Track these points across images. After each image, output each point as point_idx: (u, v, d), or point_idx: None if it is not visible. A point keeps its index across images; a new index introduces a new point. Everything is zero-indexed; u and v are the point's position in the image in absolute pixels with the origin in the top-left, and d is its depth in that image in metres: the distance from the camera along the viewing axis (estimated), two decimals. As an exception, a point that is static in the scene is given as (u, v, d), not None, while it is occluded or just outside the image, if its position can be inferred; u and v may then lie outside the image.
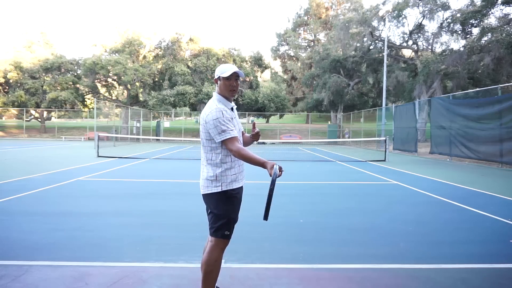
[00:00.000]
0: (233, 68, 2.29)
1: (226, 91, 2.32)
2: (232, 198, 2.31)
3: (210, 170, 2.30)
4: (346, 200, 6.25)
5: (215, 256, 2.30)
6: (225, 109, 2.27)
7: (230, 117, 2.27)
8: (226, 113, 2.24)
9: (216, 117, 2.19)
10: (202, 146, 2.36)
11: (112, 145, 21.69)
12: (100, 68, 31.28)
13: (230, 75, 2.28)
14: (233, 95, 2.35)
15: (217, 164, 2.29)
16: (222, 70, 2.30)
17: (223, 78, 2.30)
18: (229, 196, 2.30)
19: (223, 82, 2.30)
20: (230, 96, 2.34)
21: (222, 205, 2.29)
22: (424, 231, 4.27)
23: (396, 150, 20.06)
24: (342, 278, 2.90)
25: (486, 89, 14.98)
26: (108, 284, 2.69)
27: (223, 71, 2.29)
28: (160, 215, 4.88)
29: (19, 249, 3.43)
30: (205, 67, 33.80)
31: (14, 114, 41.53)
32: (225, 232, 2.29)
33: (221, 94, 2.34)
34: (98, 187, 7.21)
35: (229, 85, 2.30)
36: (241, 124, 2.51)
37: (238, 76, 2.33)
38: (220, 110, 2.22)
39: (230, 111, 2.32)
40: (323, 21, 50.10)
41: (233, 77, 2.30)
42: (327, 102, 35.11)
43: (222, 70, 2.30)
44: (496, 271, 3.10)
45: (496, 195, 6.69)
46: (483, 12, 23.38)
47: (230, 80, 2.30)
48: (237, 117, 2.45)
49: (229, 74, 2.27)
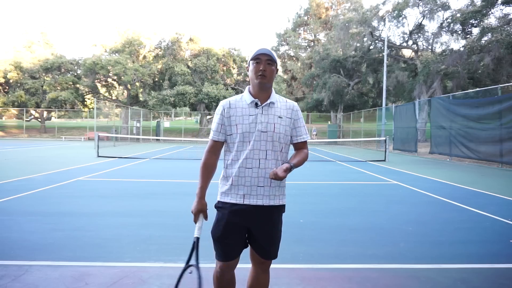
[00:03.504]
0: (262, 49, 1.85)
1: (253, 77, 1.86)
2: (218, 213, 1.92)
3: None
4: (346, 200, 6.25)
5: (215, 272, 2.00)
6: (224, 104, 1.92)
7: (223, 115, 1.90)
8: (220, 108, 1.92)
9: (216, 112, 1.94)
10: None
11: (112, 145, 21.69)
12: (100, 68, 31.28)
13: (257, 55, 1.84)
14: (262, 81, 1.84)
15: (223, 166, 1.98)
16: (251, 53, 1.90)
17: (252, 62, 1.87)
18: (217, 208, 1.94)
19: (251, 67, 1.87)
20: (258, 81, 1.84)
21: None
22: (424, 231, 4.27)
23: (396, 150, 20.06)
24: (342, 278, 2.89)
25: (486, 89, 14.98)
26: (108, 284, 2.69)
27: (252, 54, 1.88)
28: (160, 215, 4.88)
29: (19, 249, 3.42)
30: (205, 67, 33.78)
31: (14, 114, 41.49)
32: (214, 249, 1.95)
33: (250, 84, 1.94)
34: (98, 187, 7.21)
35: (257, 69, 1.84)
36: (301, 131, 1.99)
37: (271, 60, 1.84)
38: (221, 105, 1.93)
39: (246, 106, 1.89)
40: (323, 21, 50.10)
41: (263, 60, 1.83)
42: (327, 102, 35.11)
43: (251, 53, 1.90)
44: (496, 271, 3.10)
45: (496, 195, 6.69)
46: (483, 12, 23.39)
47: (259, 64, 1.83)
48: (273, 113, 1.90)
49: (256, 54, 1.84)
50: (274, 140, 1.87)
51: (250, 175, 1.85)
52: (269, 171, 1.84)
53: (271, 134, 1.86)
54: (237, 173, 1.86)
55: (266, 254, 1.95)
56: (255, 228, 1.90)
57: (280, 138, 1.89)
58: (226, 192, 1.88)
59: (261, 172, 1.85)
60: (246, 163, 1.85)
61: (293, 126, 1.95)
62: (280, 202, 1.93)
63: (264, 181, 1.85)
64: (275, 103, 1.92)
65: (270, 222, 1.92)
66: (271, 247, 1.95)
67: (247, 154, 1.85)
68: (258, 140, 1.85)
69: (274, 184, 1.88)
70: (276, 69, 1.90)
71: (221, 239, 1.88)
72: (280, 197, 1.93)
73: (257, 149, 1.85)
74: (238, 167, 1.86)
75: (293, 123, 1.96)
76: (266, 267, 2.01)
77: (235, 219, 1.86)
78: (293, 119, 1.96)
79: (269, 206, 1.89)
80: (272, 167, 1.85)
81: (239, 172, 1.86)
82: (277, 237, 1.97)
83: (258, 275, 2.01)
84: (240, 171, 1.85)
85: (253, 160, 1.85)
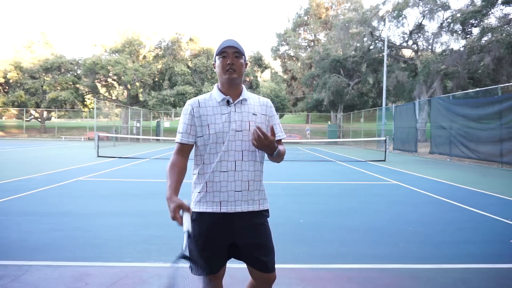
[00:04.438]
0: (227, 40, 1.68)
1: (221, 73, 1.70)
2: (194, 225, 1.66)
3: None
4: (346, 200, 6.25)
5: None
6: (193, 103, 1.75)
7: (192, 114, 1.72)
8: (187, 108, 1.74)
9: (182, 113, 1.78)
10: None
11: (112, 145, 21.69)
12: (100, 68, 31.29)
13: (223, 49, 1.68)
14: (232, 76, 1.68)
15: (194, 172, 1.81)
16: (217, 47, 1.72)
17: (218, 58, 1.71)
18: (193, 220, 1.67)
19: (218, 63, 1.72)
20: (227, 77, 1.68)
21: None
22: (424, 231, 4.27)
23: (396, 150, 20.06)
24: (342, 278, 2.89)
25: (486, 89, 14.99)
26: (108, 284, 2.69)
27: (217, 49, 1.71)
28: (160, 215, 4.87)
29: (19, 249, 3.42)
30: (205, 67, 33.80)
31: (14, 114, 41.50)
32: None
33: (219, 82, 1.78)
34: (98, 187, 7.21)
35: (224, 64, 1.68)
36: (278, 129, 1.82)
37: (238, 52, 1.68)
38: (189, 104, 1.75)
39: (217, 105, 1.72)
40: (323, 21, 50.13)
41: (229, 54, 1.68)
42: (327, 102, 35.13)
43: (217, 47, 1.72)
44: (496, 271, 3.09)
45: (496, 195, 6.69)
46: (483, 12, 23.39)
47: (226, 58, 1.68)
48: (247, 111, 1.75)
49: (221, 48, 1.67)
50: (250, 139, 1.69)
51: (226, 179, 1.67)
52: (246, 174, 1.69)
53: (246, 133, 1.70)
54: (211, 178, 1.68)
55: (263, 266, 1.71)
56: (240, 239, 1.70)
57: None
58: (201, 201, 1.70)
59: (237, 175, 1.67)
60: (221, 166, 1.67)
61: (268, 124, 1.80)
62: (261, 207, 1.74)
63: (242, 185, 1.68)
64: (247, 99, 1.77)
65: (253, 230, 1.71)
66: (266, 257, 1.72)
67: (221, 156, 1.67)
68: (232, 141, 1.68)
69: (252, 187, 1.71)
70: (246, 62, 1.75)
71: (202, 254, 1.65)
72: (260, 201, 1.75)
73: (232, 150, 1.68)
74: (211, 171, 1.68)
75: (268, 120, 1.81)
76: (268, 280, 1.75)
77: (215, 232, 1.68)
78: (268, 116, 1.81)
79: (248, 212, 1.70)
80: (249, 169, 1.70)
81: (213, 176, 1.68)
82: (269, 246, 1.75)
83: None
84: (214, 176, 1.68)
85: (228, 162, 1.67)
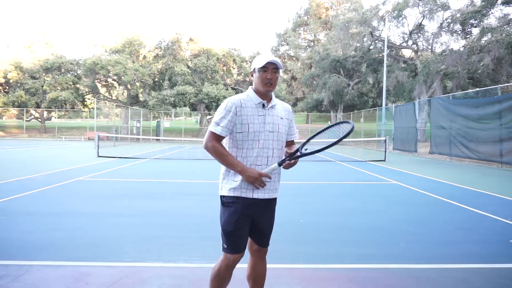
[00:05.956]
0: (268, 57, 1.98)
1: (260, 84, 2.00)
2: (227, 208, 2.02)
3: (221, 169, 2.09)
4: (346, 200, 6.25)
5: (217, 267, 2.09)
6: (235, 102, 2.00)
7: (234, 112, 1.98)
8: (231, 106, 1.99)
9: (219, 108, 2.02)
10: None
11: (112, 145, 21.69)
12: (100, 68, 31.29)
13: (265, 65, 1.97)
14: (269, 89, 2.01)
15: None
16: (257, 60, 2.02)
17: (258, 70, 2.00)
18: (225, 204, 2.04)
19: (258, 75, 2.01)
20: (265, 89, 2.00)
21: (221, 212, 2.07)
22: (424, 231, 4.27)
23: (396, 150, 20.06)
24: (342, 278, 2.89)
25: (486, 89, 14.99)
26: (108, 284, 2.69)
27: (258, 62, 2.00)
28: (160, 215, 4.88)
29: (19, 249, 3.43)
30: (205, 67, 33.79)
31: (14, 114, 41.53)
32: (223, 244, 2.05)
33: (255, 89, 2.06)
34: (98, 187, 7.21)
35: (264, 78, 1.98)
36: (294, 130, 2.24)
37: (276, 68, 2.01)
38: (226, 102, 2.01)
39: (254, 106, 2.03)
40: (323, 21, 50.10)
41: (269, 69, 1.99)
42: (327, 102, 35.14)
43: (257, 60, 2.02)
44: (496, 271, 3.10)
45: (496, 195, 6.69)
46: (483, 12, 23.39)
47: (266, 72, 1.98)
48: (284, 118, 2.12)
49: (263, 63, 1.97)
50: (279, 139, 2.08)
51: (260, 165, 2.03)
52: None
53: (276, 134, 2.06)
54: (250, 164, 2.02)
55: (264, 242, 2.16)
56: (260, 219, 2.08)
57: (282, 137, 2.11)
58: (236, 188, 2.00)
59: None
60: (257, 161, 2.01)
61: (288, 126, 2.17)
62: (278, 194, 2.17)
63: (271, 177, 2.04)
64: (276, 104, 2.12)
65: (272, 212, 2.15)
66: (269, 235, 2.18)
67: (258, 152, 2.01)
68: (266, 139, 2.02)
69: (276, 179, 2.09)
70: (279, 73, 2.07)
71: (235, 232, 2.00)
72: (278, 190, 2.16)
73: (266, 148, 2.02)
74: (249, 164, 2.00)
75: (289, 123, 2.18)
76: (264, 254, 2.20)
77: (248, 212, 2.01)
78: (289, 120, 2.18)
79: (271, 199, 2.10)
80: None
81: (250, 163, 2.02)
82: (272, 226, 2.20)
83: (257, 264, 2.20)
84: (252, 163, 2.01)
85: (263, 158, 2.02)
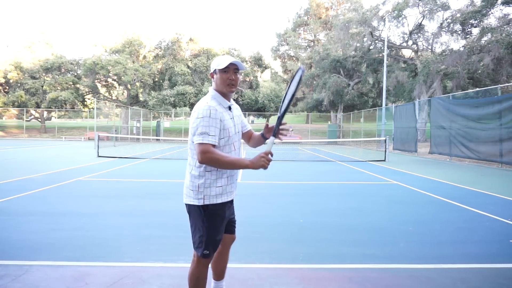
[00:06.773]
0: (230, 58, 1.96)
1: (223, 86, 1.98)
2: (213, 215, 2.00)
3: (193, 178, 2.00)
4: (346, 200, 6.25)
5: (197, 273, 2.07)
6: (216, 108, 1.94)
7: (219, 119, 1.93)
8: (215, 113, 1.92)
9: (202, 116, 1.89)
10: (189, 148, 2.04)
11: (112, 145, 21.69)
12: (100, 68, 31.28)
13: (227, 66, 1.95)
14: (231, 90, 2.00)
15: (200, 172, 1.98)
16: (217, 62, 1.98)
17: (219, 71, 1.98)
18: (211, 212, 1.99)
19: (219, 76, 1.98)
20: (228, 91, 2.00)
21: (201, 221, 2.00)
22: (424, 231, 4.27)
23: (396, 150, 20.05)
24: (342, 278, 2.89)
25: (486, 89, 14.98)
26: (108, 284, 2.69)
27: (219, 63, 1.96)
28: (160, 215, 4.88)
29: (19, 249, 3.43)
30: (205, 67, 33.79)
31: (14, 114, 41.53)
32: (204, 251, 2.01)
33: (217, 90, 2.02)
34: (98, 187, 7.21)
35: (226, 79, 1.97)
36: (246, 122, 2.28)
37: (237, 69, 2.00)
38: (209, 109, 1.90)
39: (225, 110, 2.01)
40: (323, 21, 50.08)
41: (231, 69, 1.97)
42: (327, 102, 35.10)
43: (217, 62, 1.98)
44: (496, 271, 3.10)
45: (496, 195, 6.69)
46: (483, 12, 23.38)
47: (228, 73, 1.97)
48: (240, 115, 2.20)
49: (226, 65, 1.94)
50: (240, 139, 2.17)
51: (236, 173, 2.14)
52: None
53: (239, 133, 2.16)
54: (231, 173, 2.08)
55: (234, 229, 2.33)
56: (230, 216, 2.21)
57: (241, 135, 2.21)
58: (221, 193, 2.02)
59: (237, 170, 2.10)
60: None
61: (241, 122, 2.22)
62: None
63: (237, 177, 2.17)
64: (233, 105, 2.16)
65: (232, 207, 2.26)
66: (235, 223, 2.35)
67: (234, 154, 2.06)
68: (236, 141, 2.09)
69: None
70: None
71: (220, 237, 2.09)
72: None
73: (237, 149, 2.09)
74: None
75: (242, 119, 2.25)
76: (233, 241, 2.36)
77: (227, 214, 2.12)
78: (241, 115, 2.26)
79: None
80: None
81: (232, 172, 2.08)
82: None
83: (225, 254, 2.31)
84: (231, 171, 2.07)
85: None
